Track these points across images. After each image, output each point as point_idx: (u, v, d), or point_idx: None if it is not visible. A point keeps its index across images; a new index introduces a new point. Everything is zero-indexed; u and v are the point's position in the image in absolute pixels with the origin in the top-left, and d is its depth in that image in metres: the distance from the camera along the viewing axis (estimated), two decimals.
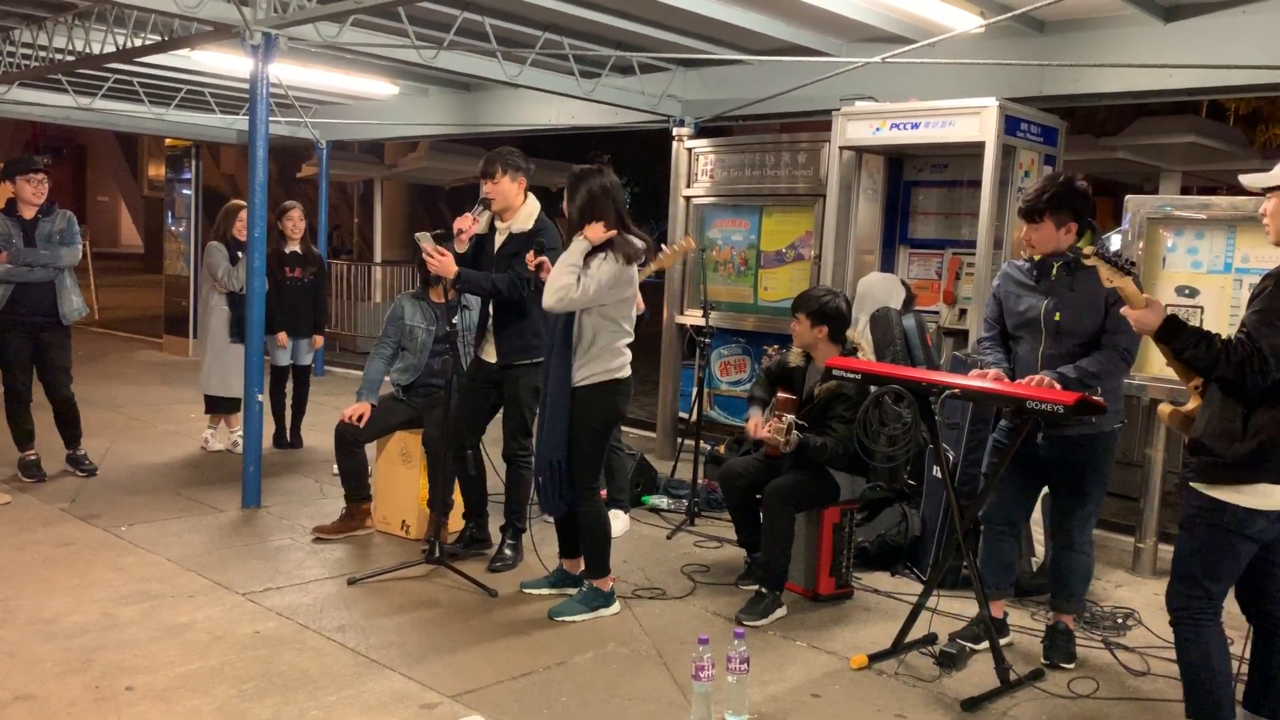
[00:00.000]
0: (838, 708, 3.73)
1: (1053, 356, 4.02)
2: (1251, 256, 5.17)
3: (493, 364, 4.92)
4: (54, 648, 3.91)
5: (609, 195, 4.30)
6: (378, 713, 3.51)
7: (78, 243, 6.38)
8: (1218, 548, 3.19)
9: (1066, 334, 4.02)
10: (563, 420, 4.30)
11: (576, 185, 4.31)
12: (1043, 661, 4.20)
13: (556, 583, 4.70)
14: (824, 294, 4.85)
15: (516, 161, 4.83)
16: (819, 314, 4.75)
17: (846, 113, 6.46)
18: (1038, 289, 4.10)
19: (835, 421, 4.65)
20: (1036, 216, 4.01)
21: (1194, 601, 3.25)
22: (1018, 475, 4.16)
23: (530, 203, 4.91)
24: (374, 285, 14.39)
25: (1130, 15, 5.87)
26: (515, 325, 4.87)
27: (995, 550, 4.29)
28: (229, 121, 11.38)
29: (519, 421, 4.97)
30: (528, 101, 9.14)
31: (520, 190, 4.86)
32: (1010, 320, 4.20)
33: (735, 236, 7.73)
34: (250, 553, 5.15)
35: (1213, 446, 3.15)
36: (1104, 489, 4.20)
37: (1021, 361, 4.15)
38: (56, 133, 29.04)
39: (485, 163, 4.83)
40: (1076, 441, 4.03)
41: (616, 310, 4.32)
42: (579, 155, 11.76)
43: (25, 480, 6.25)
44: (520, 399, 4.93)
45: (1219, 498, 3.15)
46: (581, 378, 4.30)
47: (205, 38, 6.36)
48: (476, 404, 5.03)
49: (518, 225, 4.85)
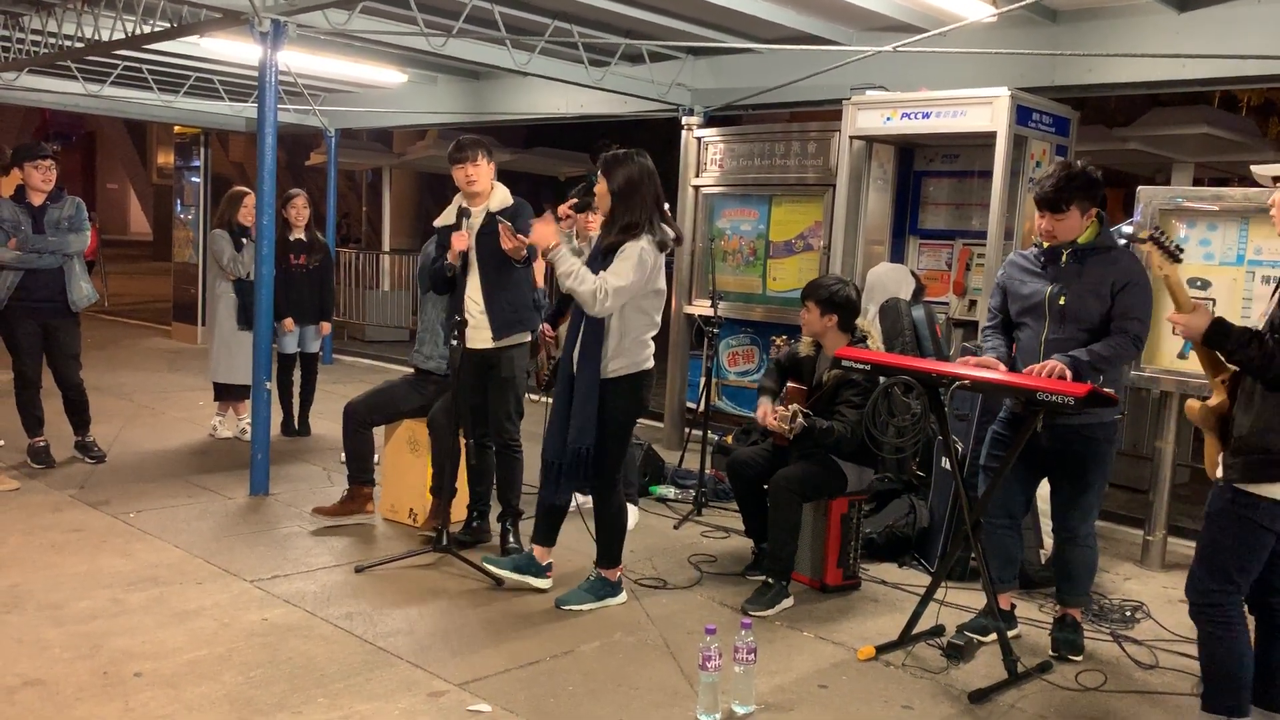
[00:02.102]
0: (845, 699, 3.73)
1: (1056, 341, 4.00)
2: (1265, 249, 5.15)
3: (484, 349, 4.93)
4: (62, 633, 3.92)
5: (649, 180, 4.29)
6: (385, 700, 3.52)
7: (86, 229, 6.38)
8: (1251, 542, 3.17)
9: (1071, 319, 3.99)
10: (594, 410, 4.26)
11: (615, 167, 4.29)
12: (1050, 654, 4.19)
13: (519, 567, 4.60)
14: (834, 282, 4.84)
15: (487, 147, 5.04)
16: (829, 302, 4.73)
17: (857, 102, 6.43)
18: (1044, 275, 4.09)
19: (843, 406, 4.64)
20: (1063, 206, 3.96)
21: (1222, 595, 3.21)
22: (1018, 467, 4.12)
23: (500, 186, 5.05)
24: (382, 274, 14.40)
25: (1144, 5, 5.82)
26: (507, 301, 4.92)
27: (996, 544, 4.27)
28: (238, 109, 11.37)
29: (513, 404, 5.00)
30: (536, 90, 9.12)
31: (493, 173, 5.05)
32: (1014, 306, 4.18)
33: (744, 226, 7.70)
34: (258, 540, 5.16)
35: (1260, 443, 3.09)
36: (1106, 479, 4.18)
37: (1024, 347, 4.12)
38: (66, 120, 29.11)
39: (460, 148, 4.95)
40: (1078, 432, 4.01)
41: (649, 302, 4.29)
42: (587, 144, 11.77)
43: (34, 466, 6.27)
44: (514, 379, 4.96)
45: (1261, 494, 3.12)
46: (612, 370, 4.26)
47: (214, 24, 6.36)
48: (477, 395, 5.04)
49: (495, 205, 4.96)
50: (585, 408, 4.26)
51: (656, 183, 4.33)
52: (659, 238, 4.24)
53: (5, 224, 6.06)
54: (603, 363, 4.25)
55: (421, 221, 21.82)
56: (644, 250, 4.17)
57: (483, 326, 4.92)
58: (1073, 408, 3.62)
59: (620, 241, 4.21)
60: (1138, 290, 3.95)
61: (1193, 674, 4.07)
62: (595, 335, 4.26)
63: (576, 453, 4.28)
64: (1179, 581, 5.26)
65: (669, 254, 4.36)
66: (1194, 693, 3.90)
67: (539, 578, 4.60)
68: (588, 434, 4.26)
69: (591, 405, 4.26)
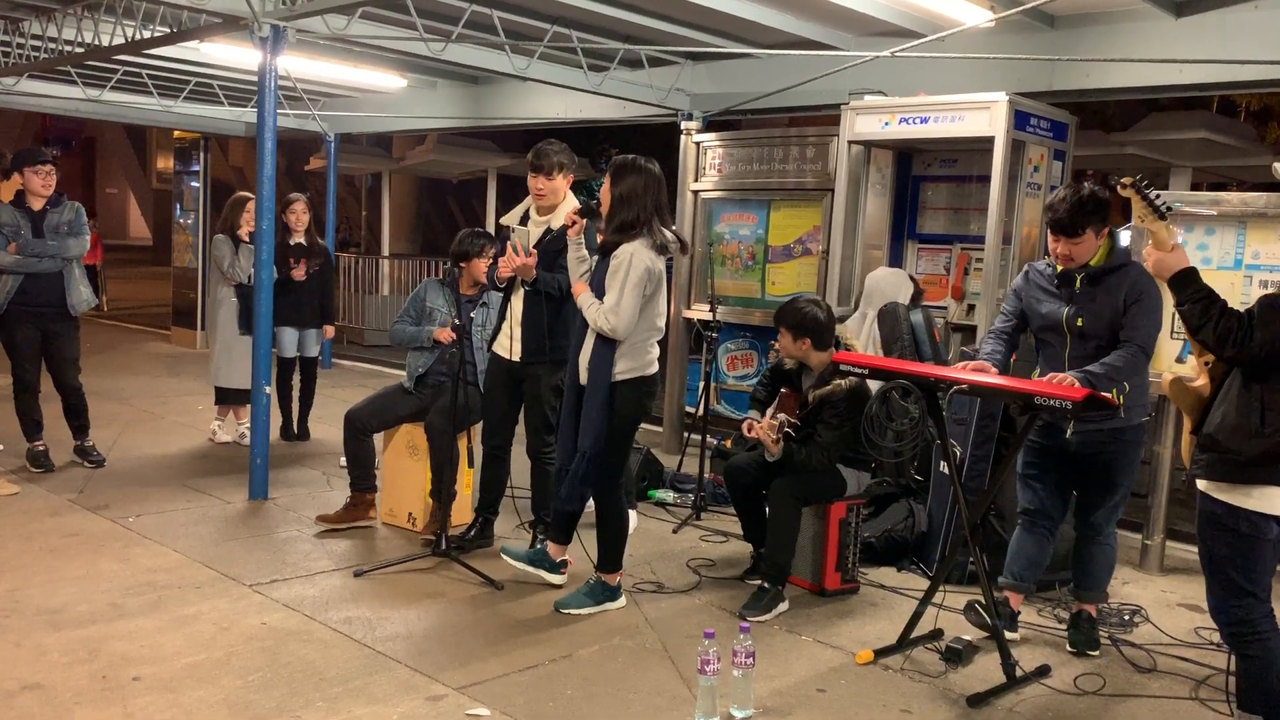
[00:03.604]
0: (843, 703, 3.73)
1: (1078, 357, 4.05)
2: (1262, 253, 5.15)
3: (515, 361, 4.91)
4: (61, 637, 3.92)
5: (653, 186, 4.28)
6: (384, 704, 3.52)
7: (85, 234, 6.39)
8: (1246, 551, 3.08)
9: (1090, 336, 4.05)
10: (603, 414, 4.27)
11: (622, 173, 4.29)
12: (1069, 649, 4.27)
13: (533, 560, 4.68)
14: (803, 305, 4.79)
15: (569, 159, 4.84)
16: (799, 328, 4.73)
17: (855, 107, 6.45)
18: (1059, 296, 4.14)
19: (821, 426, 4.68)
20: (1079, 230, 3.97)
21: (1244, 610, 3.12)
22: (1053, 473, 4.21)
23: (571, 200, 4.87)
24: (382, 279, 14.41)
25: (1142, 10, 5.84)
26: (544, 324, 4.80)
27: (1028, 545, 4.32)
28: (237, 114, 11.38)
29: (542, 419, 4.96)
30: (535, 95, 9.13)
31: (568, 187, 4.88)
32: (1034, 322, 4.25)
33: (743, 231, 7.71)
34: (257, 544, 5.16)
35: (1226, 442, 3.02)
36: (1132, 480, 4.23)
37: (1049, 362, 4.20)
38: (66, 125, 29.08)
39: (540, 156, 4.76)
40: (1107, 434, 4.08)
41: (649, 306, 4.30)
42: (586, 149, 11.78)
43: (33, 471, 6.27)
44: (542, 397, 4.92)
45: (1230, 502, 3.05)
46: (616, 374, 4.28)
47: (214, 30, 6.36)
48: (501, 402, 5.04)
49: (558, 221, 4.73)
50: (594, 412, 4.28)
51: (661, 190, 4.33)
52: (658, 240, 4.26)
53: (5, 229, 6.06)
54: (611, 366, 4.28)
55: (421, 227, 21.85)
56: (635, 257, 4.17)
57: (517, 339, 4.90)
58: (1072, 412, 3.65)
59: (616, 242, 4.23)
60: (1148, 302, 3.99)
61: (1191, 678, 4.08)
62: (600, 341, 4.28)
63: (585, 456, 4.30)
64: (1177, 585, 5.29)
65: (669, 259, 4.38)
66: (1193, 696, 3.92)
67: (553, 573, 4.64)
68: (600, 438, 4.28)
69: (600, 410, 4.27)
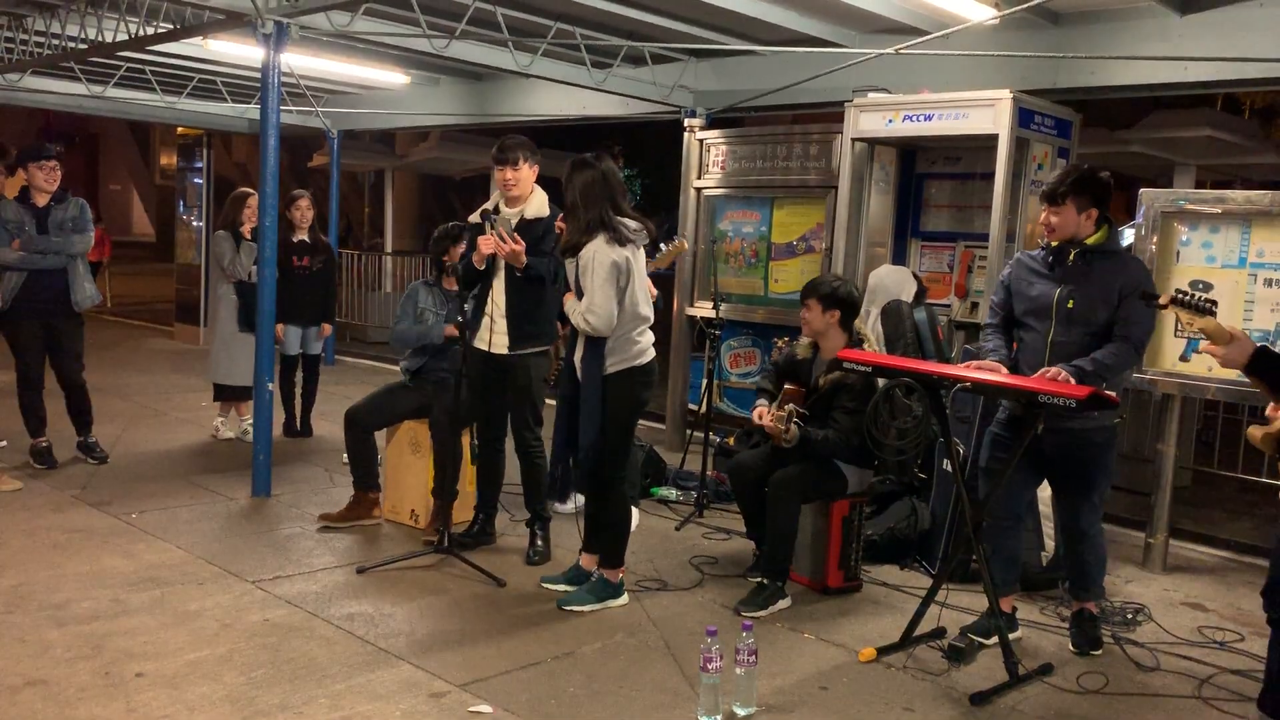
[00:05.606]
0: (846, 701, 3.72)
1: (1061, 344, 4.01)
2: (1267, 251, 5.14)
3: (500, 354, 4.91)
4: (64, 634, 3.93)
5: (603, 183, 4.33)
6: (386, 701, 3.52)
7: (90, 230, 6.40)
8: None
9: (1078, 322, 4.00)
10: (597, 408, 4.30)
11: (572, 174, 4.37)
12: (1071, 648, 4.24)
13: (574, 579, 4.67)
14: (835, 280, 4.86)
15: (533, 149, 4.90)
16: (830, 298, 4.73)
17: (859, 104, 6.44)
18: (1051, 276, 4.09)
19: (839, 412, 4.64)
20: (1059, 200, 4.00)
21: None
22: (1020, 468, 4.13)
23: (539, 191, 4.95)
24: (384, 275, 14.41)
25: (1146, 7, 5.83)
26: (531, 311, 4.86)
27: (1001, 545, 4.27)
28: (240, 110, 11.39)
29: (530, 411, 4.98)
30: (539, 92, 9.13)
31: (534, 177, 4.93)
32: (1019, 306, 4.19)
33: (746, 228, 7.71)
34: (260, 541, 5.17)
35: None
36: (1109, 480, 4.19)
37: (1028, 348, 4.13)
38: (69, 121, 29.06)
39: (504, 149, 4.82)
40: (1077, 436, 4.03)
41: (627, 297, 4.32)
42: (590, 146, 11.79)
43: (37, 467, 6.28)
44: (530, 389, 4.93)
45: None
46: (608, 368, 4.31)
47: (217, 26, 6.37)
48: (490, 397, 5.04)
49: (531, 212, 4.87)
50: (591, 408, 4.30)
51: (612, 182, 4.36)
52: (620, 234, 4.29)
53: (9, 225, 6.07)
54: (601, 362, 4.30)
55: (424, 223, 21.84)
56: (597, 255, 4.23)
57: (501, 332, 4.90)
58: (1074, 410, 3.63)
59: (580, 243, 4.30)
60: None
61: (1194, 676, 4.07)
62: (589, 341, 4.33)
63: (583, 451, 4.31)
64: (1180, 584, 5.28)
65: (655, 246, 4.44)
66: (1196, 695, 3.91)
67: (616, 598, 4.52)
68: (599, 433, 4.31)
69: (597, 405, 4.29)
